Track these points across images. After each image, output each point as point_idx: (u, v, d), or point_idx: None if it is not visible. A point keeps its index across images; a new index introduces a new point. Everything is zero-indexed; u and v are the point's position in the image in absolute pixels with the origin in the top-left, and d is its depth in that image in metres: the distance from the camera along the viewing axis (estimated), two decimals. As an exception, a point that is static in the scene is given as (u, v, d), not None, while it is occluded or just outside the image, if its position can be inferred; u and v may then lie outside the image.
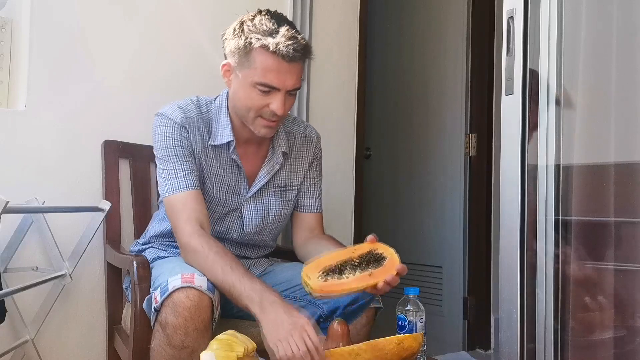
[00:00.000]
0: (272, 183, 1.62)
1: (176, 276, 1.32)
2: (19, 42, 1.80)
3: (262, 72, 1.41)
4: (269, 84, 1.42)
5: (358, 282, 1.30)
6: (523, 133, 1.45)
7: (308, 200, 1.68)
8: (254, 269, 1.65)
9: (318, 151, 1.71)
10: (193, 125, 1.52)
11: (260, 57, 1.41)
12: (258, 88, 1.43)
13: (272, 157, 1.60)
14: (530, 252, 1.43)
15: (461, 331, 2.84)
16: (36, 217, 1.72)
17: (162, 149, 1.51)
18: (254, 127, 1.49)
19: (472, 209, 2.87)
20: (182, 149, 1.50)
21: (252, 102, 1.45)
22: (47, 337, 1.76)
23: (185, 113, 1.52)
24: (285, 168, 1.64)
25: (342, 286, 1.29)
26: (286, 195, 1.65)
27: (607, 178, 1.39)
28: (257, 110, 1.46)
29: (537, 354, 1.41)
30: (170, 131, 1.50)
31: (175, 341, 1.28)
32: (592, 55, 1.45)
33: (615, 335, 1.37)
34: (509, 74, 1.47)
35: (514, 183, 1.45)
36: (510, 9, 1.47)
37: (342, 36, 2.40)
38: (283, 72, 1.41)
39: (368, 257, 1.35)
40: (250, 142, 1.59)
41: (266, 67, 1.40)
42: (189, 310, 1.28)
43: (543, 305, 1.40)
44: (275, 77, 1.41)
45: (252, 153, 1.60)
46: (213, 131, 1.54)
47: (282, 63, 1.40)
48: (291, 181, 1.65)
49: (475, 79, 2.88)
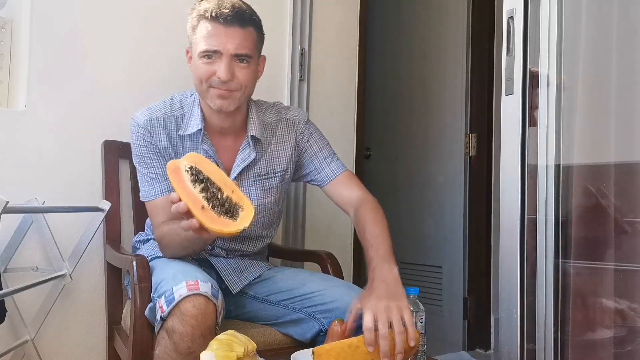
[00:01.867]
0: (252, 172, 1.60)
1: (180, 284, 1.32)
2: (19, 42, 1.80)
3: (203, 39, 1.47)
4: (209, 49, 1.46)
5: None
6: (523, 133, 1.45)
7: (322, 173, 1.65)
8: (250, 272, 1.64)
9: (305, 129, 1.66)
10: (158, 124, 1.55)
11: (200, 27, 1.48)
12: (202, 57, 1.47)
13: (246, 146, 1.59)
14: (530, 252, 1.43)
15: (461, 331, 2.85)
16: (36, 217, 1.72)
17: (134, 156, 1.58)
18: (210, 101, 1.50)
19: (472, 209, 2.87)
20: (148, 153, 1.55)
21: (201, 71, 1.48)
22: (47, 337, 1.76)
23: (151, 114, 1.56)
24: (266, 156, 1.62)
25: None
26: (267, 183, 1.63)
27: (607, 178, 1.39)
28: (206, 80, 1.48)
29: (537, 354, 1.41)
30: (135, 137, 1.56)
31: (182, 348, 1.29)
32: (592, 55, 1.45)
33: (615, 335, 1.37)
34: (509, 74, 1.47)
35: (514, 183, 1.45)
36: (510, 9, 1.47)
37: (342, 36, 2.40)
38: (222, 35, 1.45)
39: None
40: (227, 134, 1.59)
41: (205, 33, 1.46)
42: (195, 318, 1.29)
43: (543, 305, 1.40)
44: (214, 41, 1.45)
45: (229, 145, 1.59)
46: (184, 123, 1.57)
47: (219, 27, 1.45)
48: (273, 168, 1.63)
49: (475, 79, 2.88)
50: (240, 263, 1.64)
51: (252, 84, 1.54)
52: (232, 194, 1.26)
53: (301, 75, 2.25)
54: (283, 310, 1.56)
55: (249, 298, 1.62)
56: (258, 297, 1.61)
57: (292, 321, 1.55)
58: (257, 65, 1.55)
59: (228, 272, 1.61)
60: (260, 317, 1.60)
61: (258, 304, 1.60)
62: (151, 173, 1.55)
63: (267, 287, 1.61)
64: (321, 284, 1.55)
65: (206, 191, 1.25)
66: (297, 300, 1.54)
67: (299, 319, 1.54)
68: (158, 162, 1.55)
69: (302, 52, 2.25)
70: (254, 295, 1.62)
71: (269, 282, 1.62)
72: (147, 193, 1.55)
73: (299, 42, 2.25)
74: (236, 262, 1.64)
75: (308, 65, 2.28)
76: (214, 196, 1.25)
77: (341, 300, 1.50)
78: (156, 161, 1.55)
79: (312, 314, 1.52)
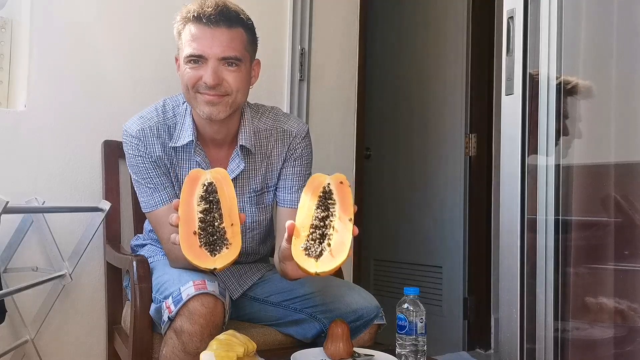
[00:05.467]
0: (247, 189, 1.53)
1: (187, 284, 1.32)
2: (19, 42, 1.80)
3: (188, 44, 1.39)
4: (194, 53, 1.38)
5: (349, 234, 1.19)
6: (523, 133, 1.45)
7: (283, 194, 1.56)
8: (252, 275, 1.64)
9: (298, 146, 1.55)
10: (151, 133, 1.47)
11: (185, 32, 1.40)
12: (188, 62, 1.40)
13: (236, 156, 1.50)
14: (530, 252, 1.43)
15: (461, 331, 2.84)
16: (36, 217, 1.72)
17: (129, 165, 1.50)
18: (198, 109, 1.41)
19: (472, 209, 2.87)
20: (143, 163, 1.47)
21: (186, 77, 1.40)
22: (47, 337, 1.76)
23: (143, 123, 1.47)
24: (261, 171, 1.54)
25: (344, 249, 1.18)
26: (262, 201, 1.57)
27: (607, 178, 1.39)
28: (192, 86, 1.40)
29: (537, 354, 1.41)
30: (129, 147, 1.48)
31: (191, 348, 1.29)
32: (592, 55, 1.45)
33: (615, 335, 1.37)
34: (509, 74, 1.47)
35: (514, 183, 1.45)
36: (510, 9, 1.47)
37: (342, 36, 2.40)
38: (207, 37, 1.37)
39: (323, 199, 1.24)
40: (219, 145, 1.51)
41: (190, 37, 1.39)
42: (204, 317, 1.29)
43: (543, 305, 1.40)
44: (199, 44, 1.37)
45: (222, 155, 1.52)
46: (176, 134, 1.49)
47: (204, 29, 1.37)
48: (267, 183, 1.56)
49: (475, 79, 2.88)
50: (240, 269, 1.63)
51: (243, 90, 1.44)
52: (230, 227, 1.21)
53: (301, 75, 2.25)
54: (284, 311, 1.56)
55: (249, 299, 1.62)
56: (258, 299, 1.61)
57: (293, 322, 1.55)
58: (249, 70, 1.45)
59: (227, 278, 1.60)
60: (261, 318, 1.60)
61: (258, 305, 1.60)
62: (149, 183, 1.47)
63: (268, 288, 1.61)
64: (322, 284, 1.55)
65: (206, 214, 1.22)
66: (297, 301, 1.54)
67: (299, 320, 1.54)
68: (154, 172, 1.47)
69: (302, 52, 2.25)
70: (254, 296, 1.62)
71: (270, 283, 1.62)
72: (147, 204, 1.49)
73: (299, 42, 2.25)
74: (236, 268, 1.62)
75: (308, 65, 2.28)
76: (210, 223, 1.21)
77: (342, 300, 1.50)
78: (152, 171, 1.47)
79: (312, 314, 1.52)
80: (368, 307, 1.50)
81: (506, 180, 1.48)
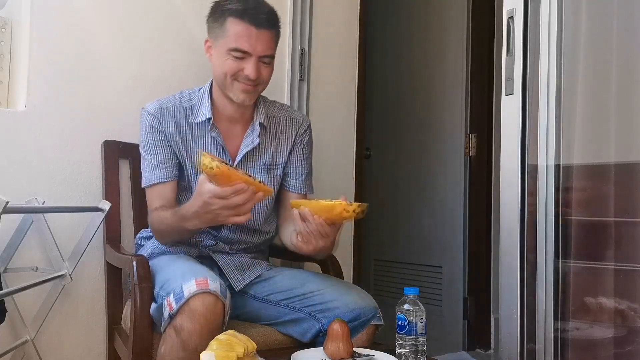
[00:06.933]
0: (258, 161, 1.67)
1: (190, 282, 1.33)
2: (19, 42, 1.80)
3: (234, 38, 1.53)
4: (240, 48, 1.53)
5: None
6: (523, 133, 1.45)
7: (293, 180, 1.72)
8: (253, 271, 1.65)
9: (305, 135, 1.74)
10: (167, 113, 1.62)
11: (232, 25, 1.54)
12: (232, 54, 1.54)
13: (252, 132, 1.66)
14: (530, 252, 1.43)
15: (461, 331, 2.85)
16: (36, 217, 1.72)
17: (141, 143, 1.64)
18: (232, 94, 1.57)
19: (472, 209, 2.87)
20: (154, 140, 1.60)
21: (228, 67, 1.55)
22: (47, 337, 1.76)
23: (161, 104, 1.63)
24: (271, 148, 1.69)
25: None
26: (273, 173, 1.70)
27: (607, 178, 1.39)
28: (232, 75, 1.55)
29: (537, 354, 1.41)
30: (145, 124, 1.62)
31: (190, 346, 1.29)
32: (592, 55, 1.45)
33: (615, 335, 1.37)
34: (509, 74, 1.47)
35: (514, 183, 1.45)
36: (510, 9, 1.48)
37: (342, 36, 2.40)
38: (253, 37, 1.53)
39: None
40: (234, 121, 1.66)
41: (237, 33, 1.53)
42: (204, 316, 1.30)
43: (543, 305, 1.41)
44: (246, 42, 1.53)
45: (237, 132, 1.66)
46: (194, 112, 1.64)
47: (251, 29, 1.52)
48: (276, 160, 1.70)
49: (475, 79, 2.88)
50: (243, 261, 1.65)
51: (269, 80, 1.63)
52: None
53: (301, 75, 2.25)
54: (283, 309, 1.56)
55: (249, 298, 1.62)
56: (258, 297, 1.61)
57: (292, 321, 1.55)
58: (273, 63, 1.63)
59: (231, 269, 1.62)
60: (261, 317, 1.60)
61: (258, 303, 1.61)
62: (154, 159, 1.60)
63: (267, 286, 1.61)
64: (321, 284, 1.56)
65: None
66: (296, 300, 1.55)
67: (298, 319, 1.54)
68: (162, 150, 1.60)
69: (302, 52, 2.25)
70: (253, 294, 1.62)
71: (269, 282, 1.63)
72: (147, 179, 1.61)
73: (299, 42, 2.25)
74: (239, 260, 1.65)
75: (308, 65, 2.28)
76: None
77: (341, 300, 1.50)
78: (161, 148, 1.60)
79: (312, 313, 1.52)
80: (366, 308, 1.50)
81: (506, 180, 1.49)
